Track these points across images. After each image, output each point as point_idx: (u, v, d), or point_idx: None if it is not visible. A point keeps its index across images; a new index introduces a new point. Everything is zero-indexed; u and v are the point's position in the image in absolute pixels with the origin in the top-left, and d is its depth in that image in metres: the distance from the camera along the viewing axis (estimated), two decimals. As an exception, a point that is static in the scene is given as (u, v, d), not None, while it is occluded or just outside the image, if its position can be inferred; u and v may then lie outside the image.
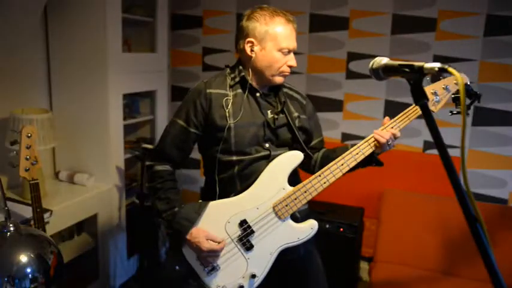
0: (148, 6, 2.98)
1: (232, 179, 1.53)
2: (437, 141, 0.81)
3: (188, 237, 1.47)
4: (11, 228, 1.07)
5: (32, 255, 1.04)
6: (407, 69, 0.87)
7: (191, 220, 1.48)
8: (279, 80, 1.54)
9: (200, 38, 3.37)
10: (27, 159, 1.74)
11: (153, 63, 3.03)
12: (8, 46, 2.37)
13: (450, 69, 0.78)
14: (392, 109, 2.93)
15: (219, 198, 1.54)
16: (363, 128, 3.01)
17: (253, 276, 1.48)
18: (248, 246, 1.49)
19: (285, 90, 1.64)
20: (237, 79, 1.55)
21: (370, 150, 1.50)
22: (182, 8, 3.37)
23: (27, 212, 2.09)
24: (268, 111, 1.55)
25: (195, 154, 1.64)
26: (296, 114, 1.60)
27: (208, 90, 1.54)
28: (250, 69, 1.54)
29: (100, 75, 2.55)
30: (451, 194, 0.78)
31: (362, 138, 1.53)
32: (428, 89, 1.54)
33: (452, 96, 1.53)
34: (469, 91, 1.49)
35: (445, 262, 2.50)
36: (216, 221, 1.50)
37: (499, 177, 2.79)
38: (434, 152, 2.80)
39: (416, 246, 2.58)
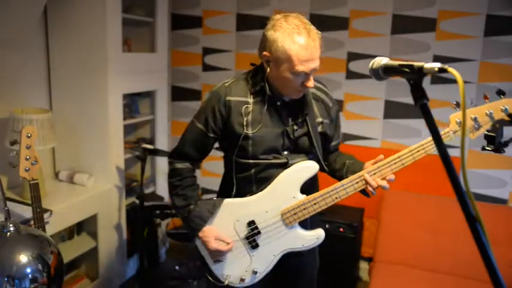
0: (148, 6, 2.98)
1: (249, 180, 1.56)
2: (437, 142, 0.81)
3: (200, 234, 1.56)
4: (11, 228, 1.07)
5: (32, 255, 1.04)
6: (407, 69, 0.86)
7: (204, 219, 1.55)
8: (294, 96, 1.49)
9: (200, 38, 3.37)
10: (27, 159, 1.74)
11: (153, 63, 3.03)
12: (8, 46, 2.37)
13: (450, 69, 0.78)
14: (392, 109, 2.94)
15: (235, 197, 1.59)
16: (363, 128, 3.01)
17: (255, 272, 1.56)
18: (254, 245, 1.55)
19: (313, 90, 1.57)
20: (257, 88, 1.51)
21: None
22: (182, 8, 3.37)
23: (27, 212, 2.09)
24: (289, 119, 1.53)
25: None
26: (320, 119, 1.57)
27: (227, 98, 1.51)
28: (267, 81, 1.50)
29: (100, 75, 2.55)
30: (451, 194, 0.78)
31: (362, 138, 1.53)
32: (469, 113, 1.39)
33: (486, 133, 1.36)
34: None
35: (445, 262, 2.50)
36: (226, 219, 1.56)
37: (499, 177, 2.79)
38: (434, 152, 2.80)
39: (416, 246, 2.58)
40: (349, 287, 2.76)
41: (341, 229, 2.67)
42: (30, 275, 1.02)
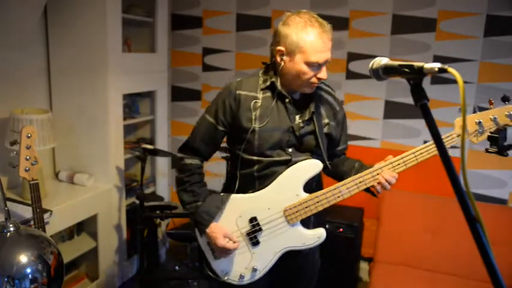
0: (148, 6, 2.98)
1: (252, 177, 1.56)
2: (437, 141, 0.81)
3: (208, 230, 1.55)
4: (11, 229, 1.07)
5: (32, 256, 1.04)
6: (407, 70, 0.86)
7: (212, 215, 1.55)
8: (307, 90, 1.52)
9: (200, 38, 3.37)
10: (27, 159, 1.74)
11: (153, 63, 3.04)
12: (8, 46, 2.37)
13: (450, 69, 0.78)
14: (392, 109, 2.94)
15: (236, 193, 1.60)
16: (363, 128, 3.01)
17: (255, 270, 1.55)
18: (255, 242, 1.55)
19: (321, 93, 1.60)
20: (268, 83, 1.53)
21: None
22: (182, 8, 3.37)
23: (27, 212, 2.09)
24: (297, 117, 1.54)
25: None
26: (326, 120, 1.58)
27: (238, 92, 1.54)
28: (280, 76, 1.52)
29: (100, 75, 2.56)
30: (451, 194, 0.78)
31: (362, 138, 1.52)
32: (473, 118, 1.41)
33: (489, 134, 1.38)
34: None
35: (445, 262, 2.50)
36: (229, 214, 1.57)
37: (499, 177, 2.78)
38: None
39: (416, 246, 2.58)
40: (349, 287, 2.76)
41: (340, 229, 2.66)
42: (30, 275, 1.02)
